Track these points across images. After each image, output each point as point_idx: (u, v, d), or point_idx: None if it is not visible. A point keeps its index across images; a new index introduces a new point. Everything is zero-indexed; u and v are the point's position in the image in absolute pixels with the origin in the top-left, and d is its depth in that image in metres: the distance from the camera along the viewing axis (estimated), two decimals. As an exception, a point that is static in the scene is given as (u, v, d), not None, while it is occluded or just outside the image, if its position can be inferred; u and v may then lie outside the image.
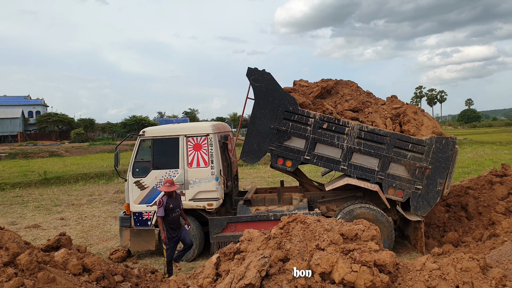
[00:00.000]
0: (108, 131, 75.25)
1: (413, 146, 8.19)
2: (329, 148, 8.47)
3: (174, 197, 7.33)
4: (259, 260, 4.70)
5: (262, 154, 8.70)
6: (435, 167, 8.16)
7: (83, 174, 23.27)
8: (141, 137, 8.92)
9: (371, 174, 8.38)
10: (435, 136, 8.17)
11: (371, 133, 8.28)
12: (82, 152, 41.55)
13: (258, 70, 8.54)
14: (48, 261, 5.93)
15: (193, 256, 8.77)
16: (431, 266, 4.73)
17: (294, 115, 8.45)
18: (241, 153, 8.82)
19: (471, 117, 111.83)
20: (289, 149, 8.56)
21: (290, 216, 5.91)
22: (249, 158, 8.73)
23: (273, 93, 8.49)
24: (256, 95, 8.58)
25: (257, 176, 21.45)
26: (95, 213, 14.04)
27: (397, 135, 8.24)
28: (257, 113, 8.58)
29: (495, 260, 5.13)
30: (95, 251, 9.60)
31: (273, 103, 8.49)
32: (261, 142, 8.59)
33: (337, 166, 8.48)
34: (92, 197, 17.41)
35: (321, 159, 8.51)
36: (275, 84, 8.53)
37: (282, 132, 8.49)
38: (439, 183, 8.18)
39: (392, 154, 8.25)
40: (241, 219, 8.68)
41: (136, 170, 8.89)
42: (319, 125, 8.38)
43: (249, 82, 8.59)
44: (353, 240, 5.33)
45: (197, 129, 8.92)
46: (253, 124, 8.61)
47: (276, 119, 8.48)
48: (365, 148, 8.32)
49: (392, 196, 8.38)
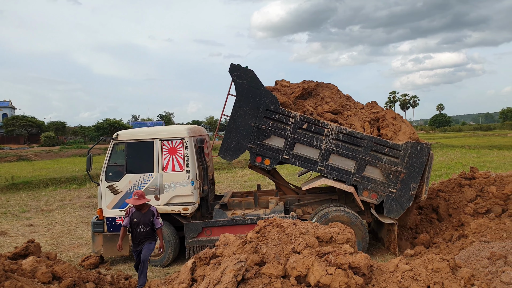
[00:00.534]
0: (80, 135, 73.61)
1: (389, 150, 8.34)
2: (308, 149, 8.53)
3: (142, 212, 6.81)
4: (235, 264, 4.68)
5: (241, 151, 8.69)
6: (410, 171, 8.32)
7: (54, 178, 22.66)
8: (114, 141, 8.76)
9: (347, 176, 8.49)
10: (411, 142, 8.34)
11: (349, 136, 8.39)
12: (52, 156, 40.46)
13: (241, 66, 8.53)
14: (15, 270, 5.76)
15: (168, 261, 8.66)
16: (403, 267, 4.83)
17: (275, 114, 8.48)
18: (219, 149, 8.80)
19: (442, 122, 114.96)
20: (268, 148, 8.59)
21: (266, 220, 5.93)
22: (228, 155, 8.72)
23: (255, 91, 8.49)
24: (238, 92, 8.56)
25: (233, 180, 21.41)
26: (66, 219, 13.70)
27: (374, 138, 8.38)
28: (238, 110, 8.56)
29: (464, 260, 5.28)
30: (66, 258, 9.37)
31: (255, 100, 8.49)
32: (241, 139, 8.59)
33: (315, 166, 8.55)
34: (63, 202, 16.98)
35: (299, 159, 8.56)
36: (258, 82, 8.53)
37: (262, 130, 8.52)
38: (412, 187, 8.35)
39: (369, 157, 8.38)
40: (217, 223, 8.63)
41: (109, 174, 8.72)
42: (299, 125, 8.43)
43: (231, 78, 8.56)
44: (328, 243, 5.39)
45: (172, 132, 8.82)
46: (233, 121, 8.59)
47: (257, 117, 8.50)
48: (343, 150, 8.42)
49: (366, 198, 8.51)
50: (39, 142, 62.53)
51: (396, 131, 8.66)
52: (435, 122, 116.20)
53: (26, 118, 70.42)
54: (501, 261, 4.78)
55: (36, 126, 70.57)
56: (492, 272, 4.69)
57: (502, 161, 23.49)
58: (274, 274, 4.73)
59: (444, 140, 48.93)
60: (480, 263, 4.93)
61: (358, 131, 8.48)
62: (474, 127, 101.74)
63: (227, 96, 8.78)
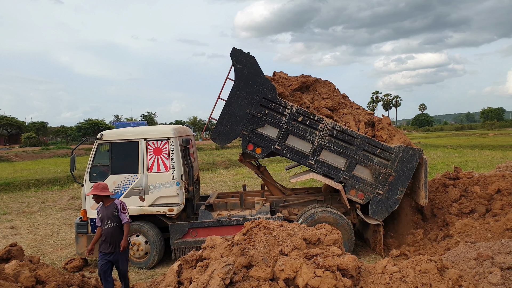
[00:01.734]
0: (62, 135, 72.43)
1: (381, 152, 8.36)
2: (300, 142, 8.49)
3: (105, 205, 6.42)
4: (223, 267, 4.63)
5: (233, 137, 8.60)
6: (399, 175, 8.36)
7: (35, 180, 22.21)
8: (98, 141, 8.62)
9: (336, 173, 8.48)
10: (403, 145, 8.36)
11: (343, 133, 8.38)
12: (33, 157, 39.67)
13: (242, 52, 8.43)
14: (-3, 274, 5.62)
15: (153, 263, 8.55)
16: (391, 269, 4.83)
17: (271, 103, 8.41)
18: (212, 133, 8.70)
19: (424, 122, 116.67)
20: (261, 136, 8.52)
21: (253, 221, 5.88)
22: (220, 139, 8.63)
23: (254, 77, 8.41)
24: (237, 77, 8.46)
25: (218, 180, 21.31)
26: (49, 221, 13.44)
27: (368, 138, 8.39)
28: (235, 95, 8.47)
29: (450, 261, 5.31)
30: (49, 261, 9.19)
31: (253, 87, 8.41)
32: (234, 125, 8.50)
33: (305, 160, 8.52)
34: (45, 204, 16.66)
35: (290, 151, 8.51)
36: (258, 69, 8.45)
37: (257, 118, 8.44)
38: (400, 191, 8.39)
39: (360, 156, 8.39)
40: (202, 224, 8.55)
41: (94, 175, 8.57)
42: (295, 117, 8.38)
43: (232, 63, 8.45)
44: (316, 244, 5.37)
45: (157, 132, 8.71)
46: (229, 105, 8.49)
47: (253, 104, 8.41)
48: (335, 147, 8.40)
49: (353, 197, 8.53)
50: (20, 143, 61.33)
51: (390, 135, 8.69)
52: (417, 122, 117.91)
53: (6, 118, 69.02)
54: (488, 262, 4.81)
55: (17, 127, 69.23)
56: (480, 273, 4.72)
57: (484, 161, 23.91)
58: (262, 277, 4.68)
59: (426, 140, 49.66)
60: (467, 264, 4.96)
61: (352, 129, 8.49)
62: (455, 127, 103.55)
63: (226, 80, 8.66)
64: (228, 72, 8.65)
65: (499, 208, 8.47)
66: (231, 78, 8.59)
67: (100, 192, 6.36)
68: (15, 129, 69.26)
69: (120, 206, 6.43)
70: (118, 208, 6.39)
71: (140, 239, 8.54)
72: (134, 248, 8.54)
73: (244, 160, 9.65)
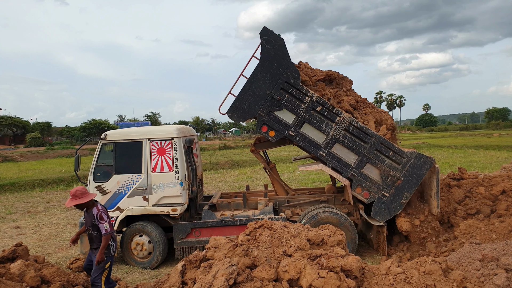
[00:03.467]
0: (66, 135, 72.76)
1: (393, 154, 8.31)
2: (315, 131, 8.43)
3: (88, 211, 6.07)
4: (226, 268, 4.62)
5: (249, 116, 8.51)
6: (407, 180, 8.31)
7: (40, 180, 22.30)
8: (102, 141, 8.64)
9: (345, 168, 8.43)
10: (416, 152, 8.33)
11: (359, 130, 8.32)
12: (38, 157, 39.84)
13: (273, 32, 8.36)
14: (3, 274, 5.66)
15: (156, 263, 8.56)
16: (395, 270, 4.81)
17: (292, 89, 8.33)
18: (229, 108, 8.57)
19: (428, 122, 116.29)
20: (277, 120, 8.45)
21: (257, 222, 5.87)
22: (236, 116, 8.55)
23: (280, 60, 8.34)
24: (263, 56, 8.39)
25: (221, 180, 21.32)
26: (53, 221, 13.48)
27: (383, 139, 8.34)
28: (258, 74, 8.39)
29: (455, 262, 5.28)
30: (54, 260, 9.22)
31: (277, 69, 8.33)
32: (252, 104, 8.42)
33: (317, 150, 8.45)
34: (50, 204, 16.72)
35: (304, 139, 8.44)
36: (285, 52, 8.37)
37: (275, 101, 8.36)
38: (405, 196, 8.35)
39: (372, 155, 8.34)
40: (206, 224, 8.55)
41: (98, 175, 8.60)
42: (314, 106, 8.31)
43: (260, 41, 8.39)
44: (320, 245, 5.36)
45: (161, 132, 8.72)
46: (250, 83, 8.42)
47: (274, 86, 8.34)
48: (349, 142, 8.35)
49: (358, 195, 8.50)
50: (25, 143, 61.62)
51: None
52: (421, 122, 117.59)
53: (11, 118, 69.38)
54: (493, 263, 4.78)
55: (22, 127, 69.55)
56: (484, 275, 4.70)
57: (489, 161, 23.79)
58: (266, 277, 4.68)
59: (430, 140, 49.46)
60: (472, 265, 4.93)
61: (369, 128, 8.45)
62: (460, 127, 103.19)
63: (251, 58, 8.59)
64: (255, 50, 8.56)
65: (504, 209, 8.43)
66: (257, 57, 8.50)
67: (81, 200, 5.90)
68: (20, 129, 69.58)
69: (97, 217, 5.93)
70: (96, 218, 5.92)
71: (144, 239, 8.56)
72: (137, 248, 8.56)
73: (256, 151, 9.66)
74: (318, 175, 21.05)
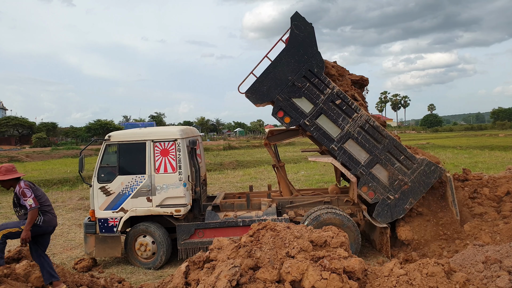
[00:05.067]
0: (72, 136, 73.08)
1: (404, 159, 8.30)
2: (331, 124, 8.42)
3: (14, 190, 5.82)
4: (229, 269, 4.64)
5: (267, 99, 8.47)
6: (414, 186, 8.30)
7: (45, 180, 22.40)
8: (106, 142, 8.69)
9: (355, 165, 8.42)
10: (427, 159, 8.33)
11: (374, 129, 8.32)
12: (44, 157, 40.05)
13: (304, 18, 8.32)
14: (9, 274, 5.71)
15: (160, 263, 8.59)
16: (398, 271, 4.80)
17: (315, 78, 8.30)
18: (248, 88, 8.53)
19: (433, 122, 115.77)
20: (294, 107, 8.42)
21: (260, 223, 5.88)
22: (254, 97, 8.50)
23: (307, 47, 8.30)
24: (290, 41, 8.35)
25: (225, 181, 21.34)
26: (59, 221, 13.35)
27: (396, 142, 8.34)
28: (283, 58, 8.36)
29: (458, 264, 5.27)
30: (59, 261, 9.27)
31: (302, 56, 8.30)
32: (272, 87, 8.38)
33: (329, 144, 8.43)
34: (55, 204, 16.78)
35: (318, 130, 8.42)
36: (313, 40, 8.34)
37: (296, 87, 8.33)
38: (410, 202, 8.34)
39: (383, 156, 8.33)
40: (209, 225, 8.58)
41: (102, 176, 8.65)
42: (333, 98, 8.29)
43: (290, 26, 8.36)
44: (323, 247, 5.36)
45: (164, 134, 8.74)
46: (273, 67, 8.39)
47: (297, 73, 8.30)
48: (362, 140, 8.34)
49: (363, 193, 8.49)
50: (31, 143, 61.96)
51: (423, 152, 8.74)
52: (426, 122, 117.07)
53: (17, 118, 69.77)
54: (496, 265, 4.77)
55: (27, 127, 69.92)
56: (487, 277, 4.69)
57: (494, 162, 23.65)
58: (269, 279, 4.69)
59: (435, 140, 49.22)
60: (475, 267, 4.92)
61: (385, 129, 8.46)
62: (465, 127, 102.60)
63: (278, 41, 8.59)
64: (283, 34, 8.55)
65: (508, 210, 8.38)
66: (284, 41, 8.50)
67: (3, 177, 5.59)
68: (26, 130, 69.96)
69: (19, 193, 5.65)
70: (19, 195, 5.68)
71: (147, 240, 8.59)
72: (141, 249, 8.60)
73: (269, 144, 9.69)
74: (323, 175, 21.03)
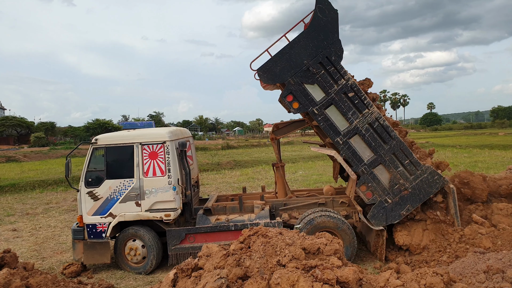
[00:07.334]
0: (70, 135, 72.75)
1: (409, 164, 8.05)
2: (339, 117, 8.16)
3: None
4: (215, 281, 4.39)
5: (278, 80, 8.15)
6: (414, 193, 8.06)
7: (41, 180, 22.22)
8: (93, 145, 8.41)
9: (357, 162, 8.17)
10: (432, 168, 8.07)
11: (383, 128, 8.06)
12: (41, 157, 39.83)
13: (330, 3, 8.02)
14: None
15: (151, 267, 8.34)
16: (394, 282, 4.55)
17: (331, 66, 8.02)
18: (261, 66, 8.19)
19: (433, 121, 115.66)
20: (305, 93, 8.12)
21: (251, 229, 5.64)
22: (265, 76, 8.17)
23: (328, 33, 8.00)
24: (312, 24, 8.04)
25: (222, 181, 21.11)
26: (51, 223, 13.33)
27: (403, 145, 8.07)
28: (301, 41, 8.04)
29: (458, 273, 5.01)
30: (48, 265, 9.07)
31: (322, 42, 8.00)
32: (286, 69, 8.07)
33: (335, 136, 8.17)
34: (49, 205, 16.59)
35: (325, 120, 8.15)
36: (336, 26, 8.04)
37: (310, 73, 8.04)
38: (407, 208, 8.09)
39: (388, 158, 8.08)
40: (200, 229, 8.30)
41: (89, 180, 8.37)
42: (346, 90, 8.02)
43: (314, 9, 8.05)
44: (316, 254, 5.10)
45: (152, 136, 8.44)
46: (290, 48, 8.08)
47: (314, 58, 8.00)
48: (369, 138, 8.08)
49: (361, 192, 8.23)
50: (29, 143, 61.73)
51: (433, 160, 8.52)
52: (426, 121, 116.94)
53: (15, 118, 69.55)
54: (498, 275, 4.50)
55: (26, 127, 69.69)
56: (489, 289, 4.43)
57: (494, 161, 23.41)
58: (257, 290, 4.43)
59: (435, 139, 49.02)
60: (476, 277, 4.66)
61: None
62: (465, 125, 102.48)
63: (299, 22, 8.28)
64: (305, 16, 8.26)
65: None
66: (305, 22, 8.20)
67: None
68: (25, 130, 69.73)
69: None
70: None
71: (137, 244, 8.34)
72: (131, 253, 8.34)
73: (276, 139, 9.47)
74: (321, 175, 20.79)
